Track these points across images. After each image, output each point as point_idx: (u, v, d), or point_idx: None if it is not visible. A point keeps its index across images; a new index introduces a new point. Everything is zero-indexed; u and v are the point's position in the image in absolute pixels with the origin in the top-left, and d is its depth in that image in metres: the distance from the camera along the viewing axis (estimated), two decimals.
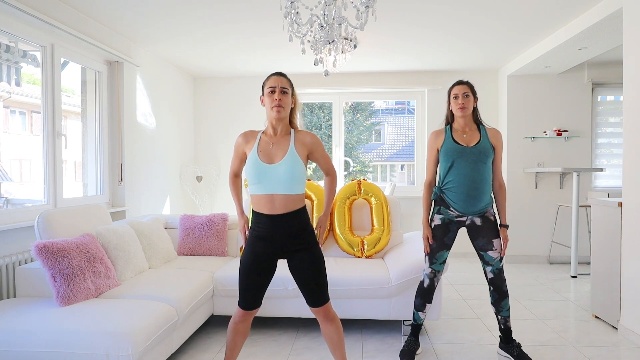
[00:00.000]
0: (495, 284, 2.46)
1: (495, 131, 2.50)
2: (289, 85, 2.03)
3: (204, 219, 3.47)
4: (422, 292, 2.54)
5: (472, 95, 2.46)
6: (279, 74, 2.04)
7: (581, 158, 5.08)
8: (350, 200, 3.41)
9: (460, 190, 2.40)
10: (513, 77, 5.11)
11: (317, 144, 2.04)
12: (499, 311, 2.50)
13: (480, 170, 2.40)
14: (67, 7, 3.23)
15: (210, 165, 5.67)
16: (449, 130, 2.52)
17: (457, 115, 2.46)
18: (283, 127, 2.03)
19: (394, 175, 12.38)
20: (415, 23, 3.68)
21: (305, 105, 9.08)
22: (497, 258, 2.44)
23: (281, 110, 1.97)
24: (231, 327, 2.02)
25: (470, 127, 2.50)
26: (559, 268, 4.85)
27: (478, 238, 2.46)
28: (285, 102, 1.99)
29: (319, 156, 2.07)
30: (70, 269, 2.28)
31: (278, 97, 1.97)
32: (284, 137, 2.02)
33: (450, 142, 2.46)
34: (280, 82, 2.00)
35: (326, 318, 1.99)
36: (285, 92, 2.00)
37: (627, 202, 2.83)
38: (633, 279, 2.77)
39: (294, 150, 1.97)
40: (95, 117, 3.85)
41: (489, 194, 2.47)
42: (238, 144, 2.09)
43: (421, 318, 2.56)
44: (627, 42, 2.88)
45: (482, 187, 2.41)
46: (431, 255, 2.50)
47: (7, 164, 3.37)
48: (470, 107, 2.45)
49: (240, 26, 3.74)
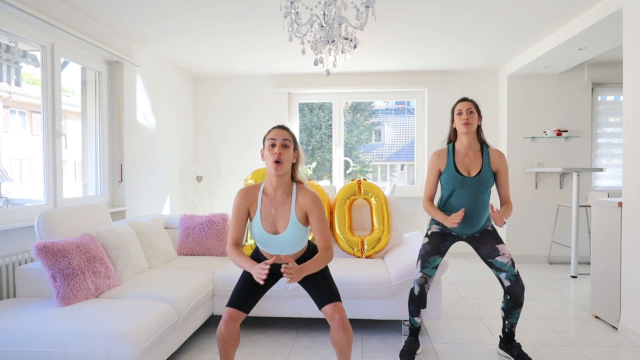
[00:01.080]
0: (513, 294, 2.34)
1: (498, 154, 2.45)
2: (291, 138, 1.95)
3: (204, 219, 3.47)
4: (413, 300, 2.47)
5: (476, 113, 2.42)
6: (280, 127, 1.96)
7: (581, 158, 5.08)
8: (350, 200, 3.41)
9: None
10: (513, 77, 5.11)
11: (314, 206, 1.94)
12: (508, 318, 2.44)
13: (480, 200, 2.40)
14: (67, 7, 3.23)
15: (210, 165, 5.67)
16: (451, 152, 2.46)
17: (461, 132, 2.41)
18: (284, 185, 1.97)
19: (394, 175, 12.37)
20: (415, 23, 3.68)
21: (305, 105, 9.09)
22: (508, 263, 2.36)
23: (280, 167, 1.89)
24: (218, 337, 1.96)
25: (473, 149, 2.44)
26: (559, 268, 4.85)
27: (481, 247, 2.46)
28: (285, 157, 1.90)
29: (314, 222, 1.95)
30: (70, 269, 2.28)
31: (278, 150, 1.89)
32: (285, 200, 1.97)
33: (452, 170, 2.42)
34: (281, 135, 1.92)
35: (341, 325, 1.91)
36: (286, 146, 1.92)
37: (627, 202, 2.83)
38: (633, 279, 2.77)
39: (295, 218, 1.95)
40: (95, 117, 3.85)
41: (487, 217, 2.46)
42: (239, 203, 1.98)
43: (417, 322, 2.55)
44: (627, 42, 2.88)
45: (481, 215, 2.42)
46: (424, 258, 2.46)
47: (7, 164, 3.37)
48: (474, 124, 2.40)
49: (240, 26, 3.74)
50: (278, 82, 5.54)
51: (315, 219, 1.95)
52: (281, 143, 1.91)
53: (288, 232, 1.96)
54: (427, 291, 2.44)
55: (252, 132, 5.63)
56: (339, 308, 1.94)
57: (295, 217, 1.95)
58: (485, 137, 2.52)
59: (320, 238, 1.98)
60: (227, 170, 5.67)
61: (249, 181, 3.52)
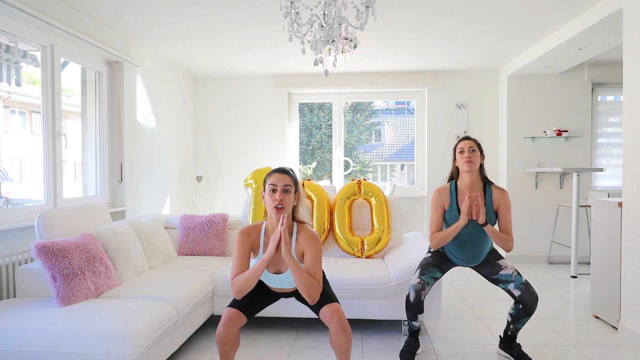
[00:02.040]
0: (527, 303, 2.26)
1: (501, 192, 2.43)
2: (292, 182, 1.95)
3: (204, 219, 3.47)
4: (409, 306, 2.41)
5: (478, 151, 2.41)
6: (281, 172, 1.95)
7: (581, 158, 5.08)
8: (350, 200, 3.41)
9: (462, 251, 2.46)
10: (513, 77, 5.11)
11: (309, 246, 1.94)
12: (515, 323, 2.40)
13: (482, 239, 2.43)
14: (67, 7, 3.23)
15: (210, 165, 5.67)
16: (454, 191, 2.45)
17: (463, 170, 2.40)
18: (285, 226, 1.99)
19: (394, 175, 12.37)
20: (415, 23, 3.68)
21: (305, 105, 9.09)
22: (513, 273, 2.33)
23: (282, 212, 1.91)
24: (217, 338, 1.95)
25: (476, 188, 2.42)
26: (559, 268, 4.85)
27: (483, 268, 2.48)
28: (286, 202, 1.91)
29: (307, 259, 1.94)
30: (70, 269, 2.28)
31: (279, 197, 1.90)
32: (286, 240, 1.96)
33: (455, 212, 2.42)
34: (282, 180, 1.92)
35: (340, 326, 1.90)
36: (287, 191, 1.92)
37: (627, 202, 2.83)
38: (633, 279, 2.77)
39: (295, 258, 1.97)
40: (95, 117, 3.85)
41: (490, 247, 2.49)
42: (242, 241, 1.97)
43: (416, 326, 2.54)
44: (627, 42, 2.88)
45: (483, 250, 2.46)
46: (424, 267, 2.46)
47: (7, 164, 3.37)
48: (477, 163, 2.39)
49: (240, 26, 3.74)
50: (278, 82, 5.54)
51: (310, 256, 1.94)
52: (282, 189, 1.92)
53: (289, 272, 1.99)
54: (423, 299, 2.38)
55: (252, 132, 5.63)
56: (337, 309, 1.93)
57: (295, 257, 1.96)
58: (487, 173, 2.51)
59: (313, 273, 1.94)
60: (227, 170, 5.67)
61: (249, 181, 3.52)
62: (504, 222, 2.42)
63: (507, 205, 2.41)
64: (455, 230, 2.36)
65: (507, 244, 2.36)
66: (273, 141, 5.61)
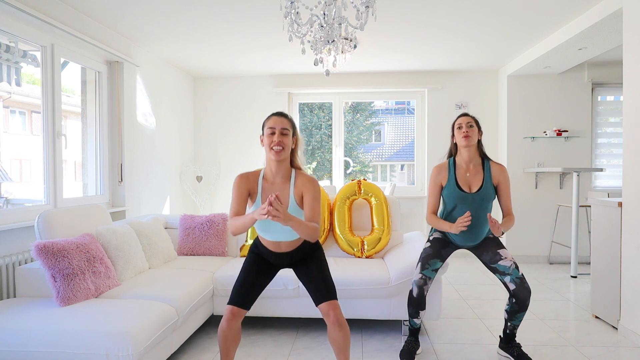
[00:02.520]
0: (519, 297, 2.30)
1: (499, 167, 2.45)
2: (290, 125, 1.98)
3: (204, 219, 3.47)
4: (412, 302, 2.44)
5: (476, 127, 2.43)
6: (279, 115, 1.98)
7: (581, 158, 5.08)
8: (350, 200, 3.41)
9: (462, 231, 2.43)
10: (513, 77, 5.11)
11: (309, 186, 1.97)
12: (512, 320, 2.42)
13: (481, 214, 2.41)
14: (67, 7, 3.23)
15: (210, 165, 5.67)
16: (452, 166, 2.47)
17: (461, 145, 2.42)
18: (283, 170, 2.00)
19: (394, 175, 12.37)
20: (415, 23, 3.68)
21: (305, 105, 9.08)
22: (511, 266, 2.35)
23: (281, 152, 1.93)
24: (220, 334, 1.98)
25: (474, 163, 2.45)
26: (559, 268, 4.85)
27: (483, 254, 2.47)
28: (285, 144, 1.94)
29: (307, 200, 1.96)
30: (70, 269, 2.28)
31: (278, 139, 1.92)
32: (284, 185, 1.99)
33: (453, 186, 2.43)
34: (280, 123, 1.95)
35: (336, 322, 1.93)
36: (285, 134, 1.95)
37: (627, 202, 2.83)
38: (633, 279, 2.77)
39: (294, 202, 1.98)
40: (95, 117, 3.85)
41: (488, 228, 2.47)
42: (240, 184, 1.99)
43: (417, 323, 2.54)
44: (627, 42, 2.88)
45: (482, 227, 2.44)
46: (424, 260, 2.47)
47: (7, 164, 3.37)
48: (474, 138, 2.41)
49: (240, 26, 3.74)
50: (278, 82, 5.54)
51: (309, 196, 1.97)
52: (280, 131, 1.94)
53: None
54: (425, 293, 2.42)
55: (252, 132, 5.63)
56: (334, 306, 1.96)
57: (294, 202, 1.98)
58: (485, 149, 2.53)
59: (309, 213, 1.95)
60: (227, 170, 5.67)
61: None
62: (505, 198, 2.45)
63: (506, 181, 2.44)
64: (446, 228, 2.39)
65: (511, 224, 2.42)
66: None
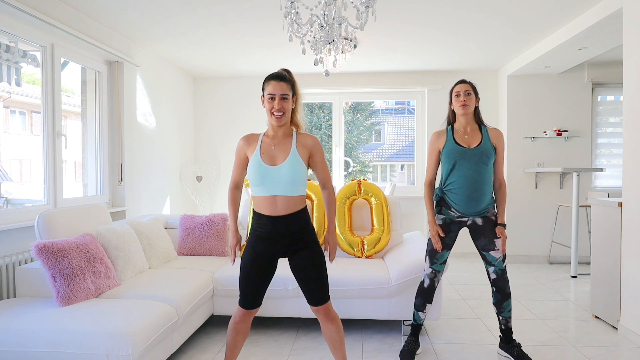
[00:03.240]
0: (498, 285, 2.45)
1: (496, 131, 2.50)
2: (290, 89, 1.97)
3: (204, 219, 3.47)
4: (422, 292, 2.54)
5: (473, 94, 2.45)
6: (279, 79, 1.96)
7: (581, 158, 5.08)
8: (350, 200, 3.41)
9: (462, 191, 2.40)
10: (513, 77, 5.11)
11: (317, 146, 2.02)
12: (501, 312, 2.49)
13: (482, 171, 2.40)
14: (67, 7, 3.23)
15: (210, 165, 5.67)
16: (450, 131, 2.50)
17: (459, 113, 2.45)
18: (284, 129, 2.02)
19: (394, 175, 12.37)
20: (415, 23, 3.68)
21: (305, 105, 9.07)
22: (499, 258, 2.42)
23: (281, 117, 1.95)
24: (231, 327, 2.01)
25: (472, 127, 2.49)
26: (559, 268, 4.85)
27: (480, 238, 2.46)
28: (285, 109, 1.95)
29: (317, 161, 2.03)
30: (70, 269, 2.28)
31: (278, 105, 1.93)
32: (285, 139, 2.01)
33: (452, 143, 2.45)
34: (280, 88, 1.94)
35: (327, 317, 1.98)
36: (285, 99, 1.95)
37: (627, 202, 2.83)
38: (633, 279, 2.77)
39: (295, 152, 1.96)
40: (95, 117, 3.85)
41: (490, 195, 2.46)
42: (240, 147, 2.05)
43: (421, 318, 2.56)
44: (627, 42, 2.88)
45: (484, 189, 2.41)
46: (432, 255, 2.49)
47: (7, 164, 3.37)
48: (472, 105, 2.44)
49: (240, 26, 3.74)
50: None
51: (319, 158, 2.03)
52: (280, 97, 1.94)
53: (287, 164, 1.93)
54: (436, 285, 2.52)
55: (252, 132, 5.61)
56: (324, 305, 1.99)
57: (295, 151, 1.97)
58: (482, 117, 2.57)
59: (323, 175, 2.07)
60: (227, 170, 5.67)
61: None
62: (499, 163, 2.50)
63: (503, 145, 2.51)
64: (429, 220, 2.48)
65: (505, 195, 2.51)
66: None
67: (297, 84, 2.04)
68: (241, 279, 2.01)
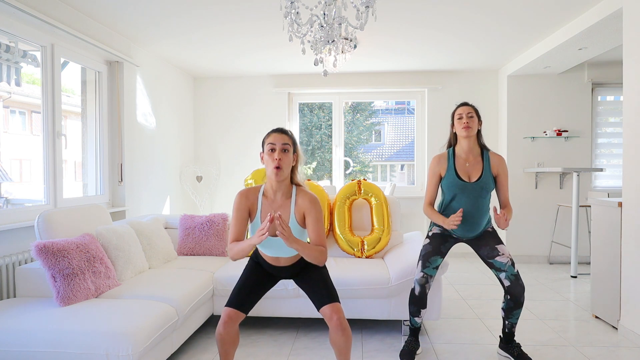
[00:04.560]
0: (514, 293, 2.34)
1: (498, 158, 2.47)
2: (291, 142, 1.95)
3: (204, 219, 3.47)
4: (414, 300, 2.45)
5: (476, 117, 2.43)
6: (279, 131, 1.95)
7: (581, 158, 5.08)
8: (350, 200, 3.41)
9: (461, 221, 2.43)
10: (513, 77, 5.11)
11: (312, 207, 1.96)
12: (509, 318, 2.44)
13: (481, 204, 2.42)
14: (67, 7, 3.23)
15: (210, 165, 5.67)
16: (451, 156, 2.48)
17: (461, 135, 2.43)
18: (284, 188, 1.99)
19: (394, 175, 12.37)
20: (415, 23, 3.68)
21: (305, 105, 9.08)
22: (507, 263, 2.37)
23: (280, 172, 1.91)
24: (217, 337, 1.95)
25: (474, 153, 2.45)
26: (559, 268, 4.85)
27: (481, 248, 2.47)
28: (285, 162, 1.92)
29: (310, 222, 1.96)
30: (70, 269, 2.28)
31: (278, 156, 1.90)
32: (285, 202, 1.98)
33: (453, 175, 2.43)
34: (280, 139, 1.92)
35: (339, 326, 1.90)
36: (286, 151, 1.92)
37: (627, 202, 2.83)
38: (633, 279, 2.77)
39: (294, 220, 1.98)
40: (95, 117, 3.85)
41: (488, 219, 2.49)
42: (239, 203, 1.98)
43: (418, 322, 2.54)
44: (627, 42, 2.88)
45: (482, 218, 2.44)
46: (425, 258, 2.46)
47: (7, 164, 3.37)
48: (474, 128, 2.42)
49: (240, 26, 3.74)
50: (278, 82, 5.54)
51: (312, 219, 1.96)
52: (281, 148, 1.92)
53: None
54: (427, 291, 2.44)
55: (252, 132, 5.63)
56: (337, 309, 1.94)
57: (294, 220, 1.98)
58: (484, 141, 2.54)
59: (314, 236, 1.96)
60: (227, 170, 5.67)
61: (249, 181, 3.52)
62: (503, 189, 2.46)
63: (505, 171, 2.47)
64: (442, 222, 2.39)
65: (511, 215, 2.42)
66: None
67: (298, 144, 2.02)
68: (237, 283, 2.07)
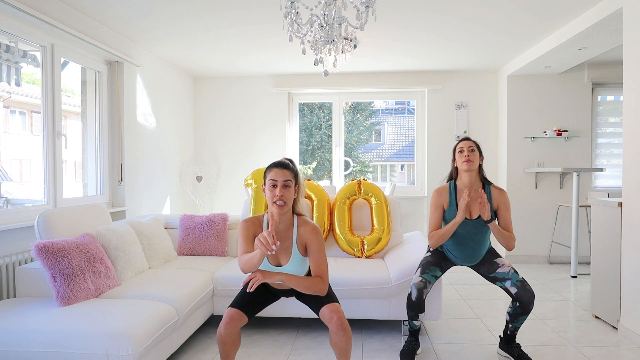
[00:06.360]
0: (523, 300, 2.29)
1: (499, 192, 2.46)
2: (292, 176, 1.95)
3: (204, 219, 3.47)
4: (411, 305, 2.40)
5: (477, 151, 2.44)
6: (281, 166, 1.94)
7: (581, 158, 5.08)
8: (350, 200, 3.41)
9: (460, 250, 2.49)
10: (513, 77, 5.11)
11: (313, 237, 1.96)
12: (513, 322, 2.42)
13: (481, 238, 2.46)
14: (67, 7, 3.23)
15: (210, 165, 5.67)
16: (453, 190, 2.48)
17: (463, 169, 2.43)
18: (285, 219, 2.00)
19: (394, 175, 12.37)
20: (415, 23, 3.68)
21: (305, 105, 9.08)
22: (510, 271, 2.36)
23: (282, 207, 1.92)
24: (218, 338, 1.95)
25: (475, 188, 2.45)
26: (559, 268, 4.85)
27: (480, 267, 2.50)
28: (287, 197, 1.92)
29: (312, 251, 1.97)
30: (70, 269, 2.28)
31: (280, 192, 1.90)
32: (286, 234, 1.99)
33: (454, 210, 2.45)
34: (282, 175, 1.91)
35: (340, 326, 1.89)
36: (287, 186, 1.92)
37: (627, 202, 2.83)
38: (633, 279, 2.77)
39: (297, 251, 1.99)
40: (95, 117, 3.85)
41: (488, 246, 2.53)
42: (246, 230, 1.98)
43: (417, 325, 2.54)
44: (627, 42, 2.88)
45: (481, 250, 2.49)
46: (425, 266, 2.47)
47: (7, 164, 3.37)
48: (476, 162, 2.42)
49: (240, 26, 3.74)
50: (278, 82, 5.54)
51: (313, 249, 1.96)
52: (282, 184, 1.91)
53: (290, 265, 2.00)
54: (424, 297, 2.39)
55: (253, 132, 5.63)
56: (337, 309, 1.93)
57: (296, 250, 1.99)
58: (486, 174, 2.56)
59: (315, 267, 1.96)
60: (227, 171, 5.67)
61: (249, 181, 3.51)
62: (505, 222, 2.45)
63: (506, 204, 2.45)
64: (453, 227, 2.38)
65: (510, 242, 2.40)
66: (273, 141, 5.61)
67: (299, 174, 2.02)
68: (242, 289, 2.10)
